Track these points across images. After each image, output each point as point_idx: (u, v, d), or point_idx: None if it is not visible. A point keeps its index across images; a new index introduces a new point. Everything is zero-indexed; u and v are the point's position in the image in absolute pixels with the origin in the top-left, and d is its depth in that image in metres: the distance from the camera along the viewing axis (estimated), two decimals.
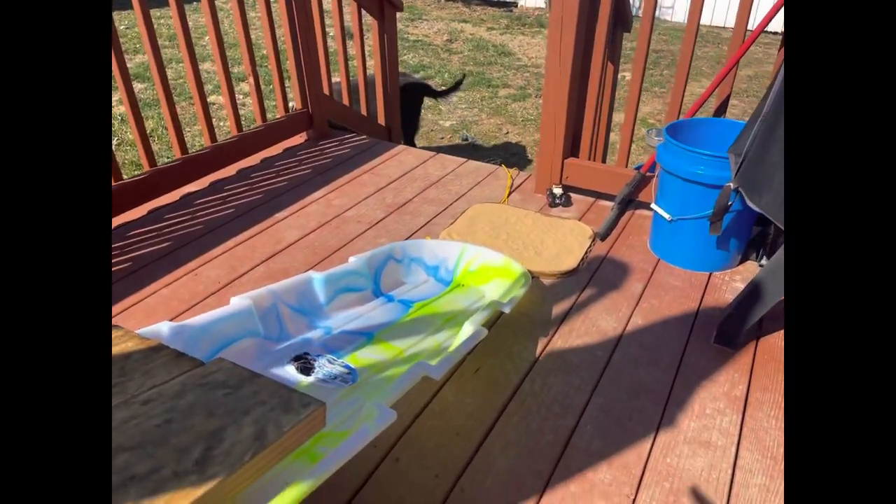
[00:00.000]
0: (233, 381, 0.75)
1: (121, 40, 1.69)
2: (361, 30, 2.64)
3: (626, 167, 2.07)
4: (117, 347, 0.80)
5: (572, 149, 2.14)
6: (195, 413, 0.68)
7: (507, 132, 4.11)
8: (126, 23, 5.49)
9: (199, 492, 0.57)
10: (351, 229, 1.96)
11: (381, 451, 1.15)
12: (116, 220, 1.93)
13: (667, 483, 1.12)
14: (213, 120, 2.73)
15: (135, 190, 1.94)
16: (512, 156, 3.79)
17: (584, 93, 2.07)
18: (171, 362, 0.78)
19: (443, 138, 4.02)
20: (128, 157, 3.31)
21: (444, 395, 1.29)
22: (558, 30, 1.87)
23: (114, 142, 3.52)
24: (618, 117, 4.36)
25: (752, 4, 1.68)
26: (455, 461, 1.14)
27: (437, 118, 4.33)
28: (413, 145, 3.18)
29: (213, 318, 1.07)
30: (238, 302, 1.14)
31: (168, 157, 2.76)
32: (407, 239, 1.90)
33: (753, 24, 4.84)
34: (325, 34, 2.52)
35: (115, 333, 0.83)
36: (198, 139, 3.53)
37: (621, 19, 2.27)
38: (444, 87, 3.74)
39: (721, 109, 1.85)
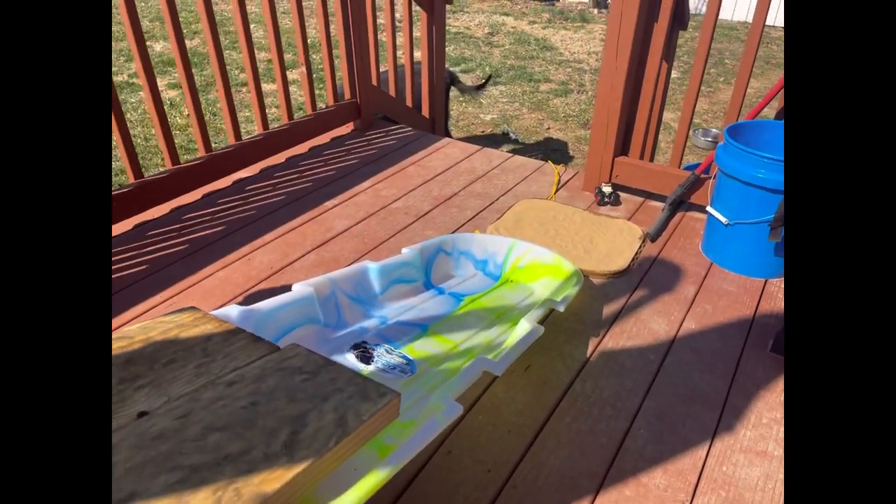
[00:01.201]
0: (309, 367, 0.77)
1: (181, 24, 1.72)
2: (411, 21, 2.65)
3: (679, 167, 2.03)
4: (197, 329, 0.82)
5: (623, 147, 2.11)
6: (277, 397, 0.70)
7: (549, 128, 4.07)
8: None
9: (290, 474, 0.59)
10: (399, 220, 1.97)
11: (434, 442, 1.16)
12: (171, 204, 1.98)
13: (722, 492, 1.10)
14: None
15: (190, 174, 1.98)
16: (553, 152, 3.75)
17: (639, 90, 2.03)
18: (250, 346, 0.80)
19: (483, 131, 4.01)
20: (177, 141, 3.38)
21: (494, 390, 1.29)
22: (617, 25, 1.84)
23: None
24: (667, 116, 4.27)
25: None
26: (507, 457, 1.15)
27: (478, 111, 4.31)
28: (448, 135, 3.18)
29: (278, 304, 1.09)
30: (300, 289, 1.16)
31: (215, 143, 2.81)
32: (454, 232, 1.90)
33: None
34: (375, 25, 2.53)
35: (194, 315, 0.86)
36: (243, 127, 3.58)
37: (679, 17, 2.22)
38: (470, 84, 3.73)
39: (784, 113, 1.80)
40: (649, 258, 1.78)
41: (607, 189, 2.06)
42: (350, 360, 1.11)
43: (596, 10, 6.99)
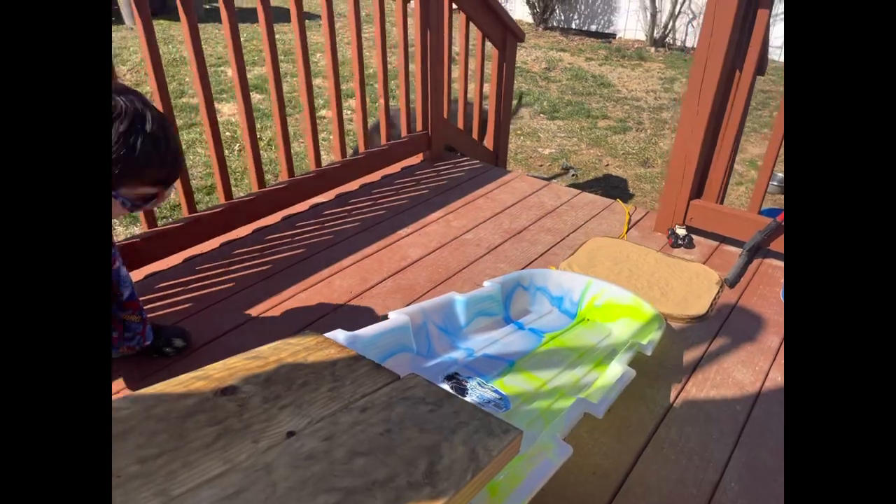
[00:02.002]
0: (431, 399, 0.79)
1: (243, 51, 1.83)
2: (483, 58, 2.72)
3: (759, 213, 2.01)
4: (321, 353, 0.86)
5: (698, 190, 2.10)
6: (408, 426, 0.72)
7: (608, 164, 4.07)
8: (245, 34, 5.88)
9: None
10: (470, 252, 2.00)
11: None
12: (253, 226, 2.06)
13: None
14: (321, 135, 2.83)
15: (271, 199, 2.07)
16: (613, 188, 3.75)
17: (716, 135, 2.03)
18: (373, 373, 0.83)
19: (541, 166, 4.04)
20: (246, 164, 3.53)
21: (577, 431, 1.28)
22: (701, 71, 1.85)
23: (235, 147, 3.77)
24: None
25: None
26: (595, 500, 1.13)
27: (537, 145, 4.35)
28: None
29: (379, 331, 1.12)
30: (396, 317, 1.19)
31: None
32: (525, 267, 1.91)
33: None
34: (450, 61, 2.62)
35: (316, 339, 0.89)
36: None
37: (758, 62, 2.22)
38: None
39: None
40: (728, 305, 1.75)
41: (681, 231, 2.05)
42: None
43: (653, 49, 7.01)
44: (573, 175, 3.88)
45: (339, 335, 1.04)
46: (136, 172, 1.02)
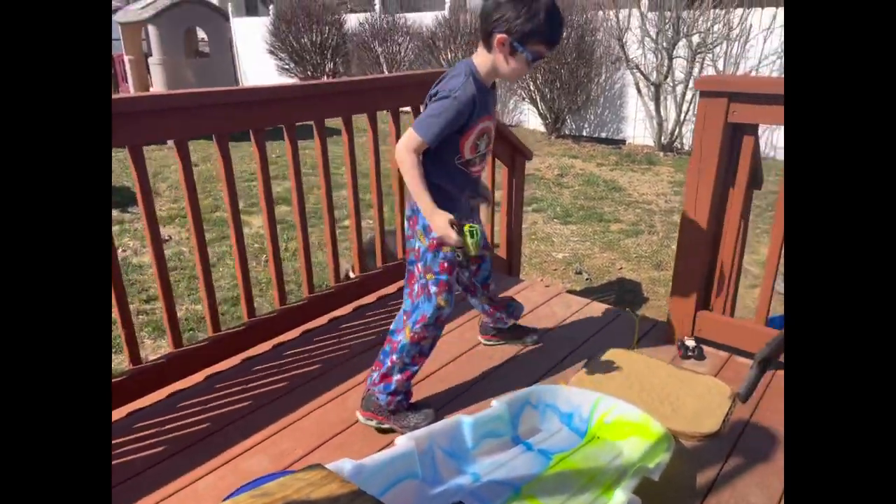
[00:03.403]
0: None
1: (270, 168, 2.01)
2: (493, 177, 2.91)
3: (765, 323, 2.03)
4: (325, 489, 0.90)
5: (705, 301, 2.14)
6: None
7: (621, 268, 4.14)
8: (278, 151, 6.34)
9: None
10: (484, 363, 2.04)
11: None
12: (273, 342, 2.15)
13: None
14: (344, 244, 2.99)
15: (292, 314, 2.18)
16: (627, 293, 3.79)
17: (717, 247, 2.11)
18: None
19: (555, 270, 4.13)
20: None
21: None
22: (694, 192, 1.97)
23: (262, 258, 3.97)
24: (742, 260, 4.26)
25: None
26: None
27: (550, 249, 4.48)
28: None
29: (385, 459, 1.16)
30: (403, 443, 1.23)
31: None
32: (538, 379, 1.94)
33: None
34: None
35: (321, 474, 0.94)
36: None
37: (753, 177, 2.34)
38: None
39: None
40: (741, 421, 1.73)
41: (690, 343, 2.07)
42: None
43: (662, 154, 7.31)
44: (587, 279, 3.95)
45: (345, 465, 1.08)
46: (537, 34, 1.46)
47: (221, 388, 1.89)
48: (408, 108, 2.47)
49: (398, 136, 2.40)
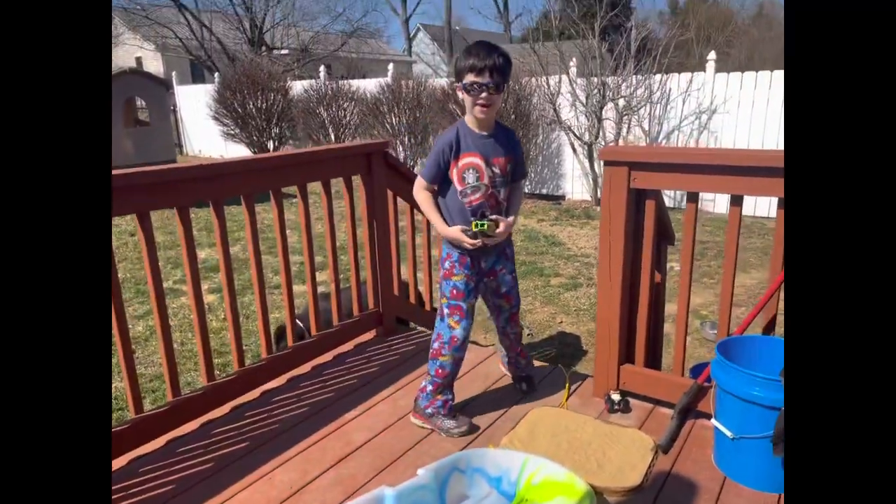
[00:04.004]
0: None
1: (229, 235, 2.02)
2: (430, 234, 3.00)
3: (683, 375, 2.13)
4: None
5: (627, 354, 2.24)
6: None
7: (561, 321, 4.25)
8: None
9: None
10: (416, 431, 2.04)
11: None
12: (201, 419, 2.09)
13: None
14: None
15: (222, 390, 2.14)
16: (566, 346, 3.88)
17: (636, 302, 2.22)
18: None
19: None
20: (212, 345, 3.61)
21: None
22: (607, 250, 2.09)
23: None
24: (671, 308, 4.45)
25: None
26: None
27: None
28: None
29: None
30: None
31: (247, 345, 3.01)
32: (469, 444, 1.96)
33: None
34: (398, 236, 2.87)
35: None
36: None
37: (665, 235, 2.51)
38: None
39: (770, 327, 1.95)
40: (663, 472, 1.79)
41: (616, 397, 2.14)
42: None
43: (598, 207, 7.67)
44: (529, 335, 4.03)
45: None
46: (463, 68, 1.83)
47: (183, 453, 1.82)
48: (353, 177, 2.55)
49: (351, 200, 2.59)
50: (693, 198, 1.97)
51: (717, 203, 7.24)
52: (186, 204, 1.97)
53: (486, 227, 1.91)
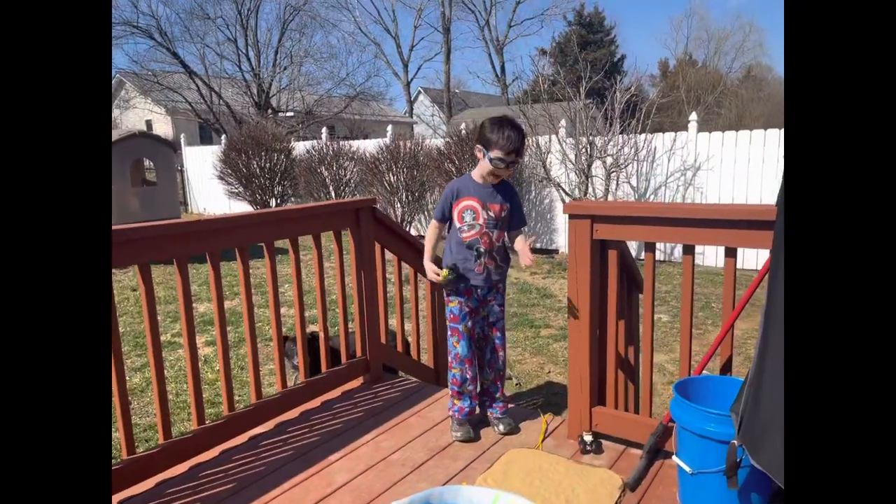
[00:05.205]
0: None
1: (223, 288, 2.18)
2: (416, 287, 3.15)
3: (651, 416, 2.23)
4: None
5: (599, 396, 2.34)
6: None
7: (549, 371, 4.33)
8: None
9: None
10: (395, 472, 2.12)
11: None
12: (190, 462, 2.18)
13: None
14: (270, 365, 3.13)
15: (212, 433, 2.23)
16: (554, 395, 3.95)
17: (604, 346, 2.35)
18: None
19: None
20: (205, 395, 3.70)
21: None
22: (574, 297, 2.24)
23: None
24: (662, 357, 4.53)
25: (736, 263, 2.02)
26: None
27: None
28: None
29: None
30: None
31: (238, 396, 3.10)
32: (446, 483, 2.03)
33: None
34: (385, 287, 3.01)
35: None
36: (264, 379, 3.91)
37: (634, 283, 2.66)
38: None
39: (727, 367, 2.06)
40: None
41: (588, 438, 2.23)
42: None
43: None
44: (517, 384, 4.11)
45: None
46: (492, 143, 2.21)
47: (170, 494, 1.90)
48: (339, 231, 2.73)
49: (340, 253, 2.77)
50: (650, 247, 2.14)
51: (706, 256, 7.41)
52: (184, 255, 2.14)
53: (445, 277, 2.32)
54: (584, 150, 7.77)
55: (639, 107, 7.88)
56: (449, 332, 2.44)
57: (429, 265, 2.39)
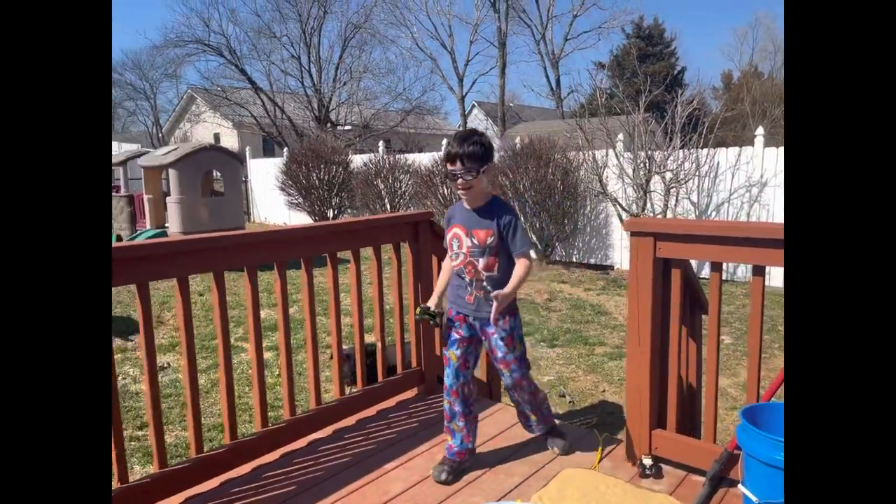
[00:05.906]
0: None
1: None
2: None
3: (715, 442, 2.15)
4: None
5: (659, 420, 2.28)
6: None
7: (604, 390, 4.24)
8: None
9: None
10: (450, 486, 2.13)
11: None
12: (253, 463, 2.27)
13: None
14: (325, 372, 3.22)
15: (274, 436, 2.32)
16: (608, 415, 3.86)
17: (665, 367, 2.28)
18: None
19: None
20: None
21: None
22: (635, 317, 2.20)
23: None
24: (724, 381, 4.35)
25: None
26: None
27: (535, 373, 4.60)
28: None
29: None
30: None
31: (298, 401, 3.19)
32: (500, 499, 2.03)
33: None
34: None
35: None
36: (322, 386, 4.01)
37: (698, 304, 2.58)
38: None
39: None
40: None
41: (647, 461, 2.17)
42: None
43: None
44: (570, 402, 4.04)
45: None
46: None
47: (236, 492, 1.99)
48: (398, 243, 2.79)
49: (399, 265, 2.82)
50: (717, 268, 2.08)
51: (772, 276, 7.07)
52: (254, 264, 2.25)
53: (426, 317, 2.19)
54: (642, 164, 7.62)
55: (701, 120, 7.66)
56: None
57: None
